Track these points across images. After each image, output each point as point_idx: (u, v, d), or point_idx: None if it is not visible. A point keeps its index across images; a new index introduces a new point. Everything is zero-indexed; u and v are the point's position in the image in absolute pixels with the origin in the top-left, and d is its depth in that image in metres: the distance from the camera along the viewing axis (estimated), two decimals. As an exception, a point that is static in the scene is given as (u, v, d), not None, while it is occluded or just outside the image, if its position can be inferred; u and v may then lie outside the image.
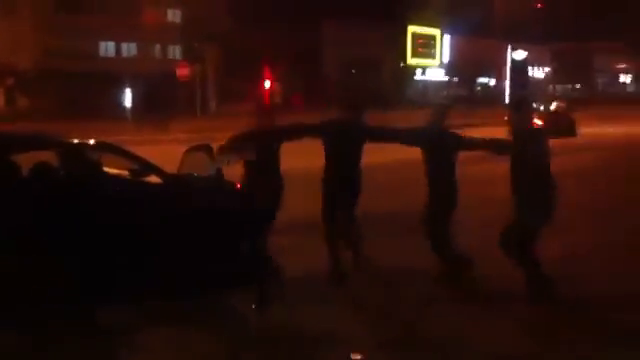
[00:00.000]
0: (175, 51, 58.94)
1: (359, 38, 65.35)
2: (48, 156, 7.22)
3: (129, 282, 6.64)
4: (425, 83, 78.32)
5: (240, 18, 55.72)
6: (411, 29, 72.02)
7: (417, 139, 7.26)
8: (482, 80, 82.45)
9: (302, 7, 59.19)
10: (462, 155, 7.19)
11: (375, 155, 7.65)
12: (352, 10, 60.20)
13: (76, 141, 7.70)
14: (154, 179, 7.18)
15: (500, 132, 7.42)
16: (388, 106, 47.31)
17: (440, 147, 7.02)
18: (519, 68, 78.24)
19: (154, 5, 53.39)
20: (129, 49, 60.09)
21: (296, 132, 7.66)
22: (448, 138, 7.11)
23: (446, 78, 78.93)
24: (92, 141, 7.82)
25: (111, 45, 59.53)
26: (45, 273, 6.30)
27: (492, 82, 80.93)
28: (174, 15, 60.25)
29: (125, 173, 7.57)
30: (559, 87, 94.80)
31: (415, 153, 7.37)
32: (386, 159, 14.46)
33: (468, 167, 7.23)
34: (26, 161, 6.91)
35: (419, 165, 7.25)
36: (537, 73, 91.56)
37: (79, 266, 6.46)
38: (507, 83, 72.46)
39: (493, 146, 7.30)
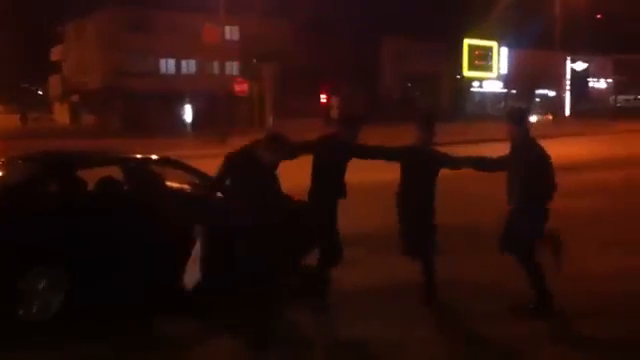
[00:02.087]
0: (233, 68, 59.81)
1: (417, 52, 65.38)
2: (113, 171, 7.51)
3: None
4: (482, 95, 77.57)
5: (298, 34, 56.32)
6: (467, 41, 71.56)
7: (400, 156, 7.06)
8: (541, 92, 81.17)
9: (360, 22, 59.41)
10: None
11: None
12: (409, 24, 60.12)
13: (139, 156, 7.97)
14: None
15: (563, 144, 7.27)
16: (445, 119, 47.10)
17: (422, 164, 6.88)
18: (579, 79, 76.79)
19: (213, 23, 54.33)
20: (189, 66, 61.35)
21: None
22: (431, 156, 6.95)
23: (504, 90, 78.03)
24: (154, 156, 8.06)
25: (171, 63, 60.90)
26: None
27: (552, 94, 79.61)
28: (232, 33, 61.18)
29: (187, 187, 7.79)
30: (621, 98, 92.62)
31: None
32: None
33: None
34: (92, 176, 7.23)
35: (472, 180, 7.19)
36: (599, 84, 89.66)
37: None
38: (567, 94, 71.17)
39: (477, 164, 7.11)
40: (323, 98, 50.14)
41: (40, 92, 77.96)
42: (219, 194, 6.50)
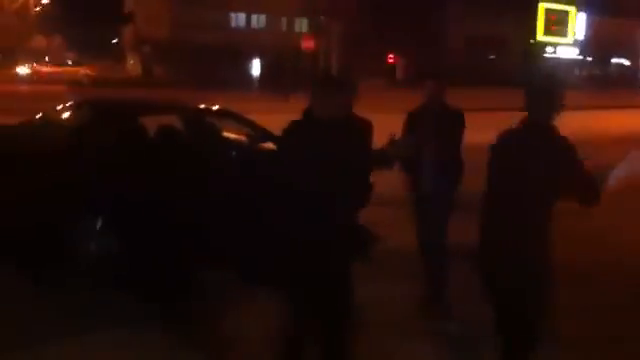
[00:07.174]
0: (302, 24, 59.69)
1: (487, 14, 63.66)
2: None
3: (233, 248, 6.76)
4: (557, 61, 75.44)
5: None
6: (543, 5, 69.43)
7: None
8: (617, 60, 78.51)
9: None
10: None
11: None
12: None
13: (200, 107, 8.15)
14: (270, 145, 7.46)
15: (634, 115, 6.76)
16: (516, 85, 46.02)
17: None
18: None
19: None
20: (258, 20, 61.44)
21: None
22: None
23: (579, 57, 75.72)
24: (214, 107, 8.22)
25: (242, 16, 61.09)
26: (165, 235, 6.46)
27: (627, 63, 76.91)
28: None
29: (243, 139, 7.94)
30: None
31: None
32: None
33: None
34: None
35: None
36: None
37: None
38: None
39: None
40: (390, 58, 49.58)
41: (115, 41, 79.50)
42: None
